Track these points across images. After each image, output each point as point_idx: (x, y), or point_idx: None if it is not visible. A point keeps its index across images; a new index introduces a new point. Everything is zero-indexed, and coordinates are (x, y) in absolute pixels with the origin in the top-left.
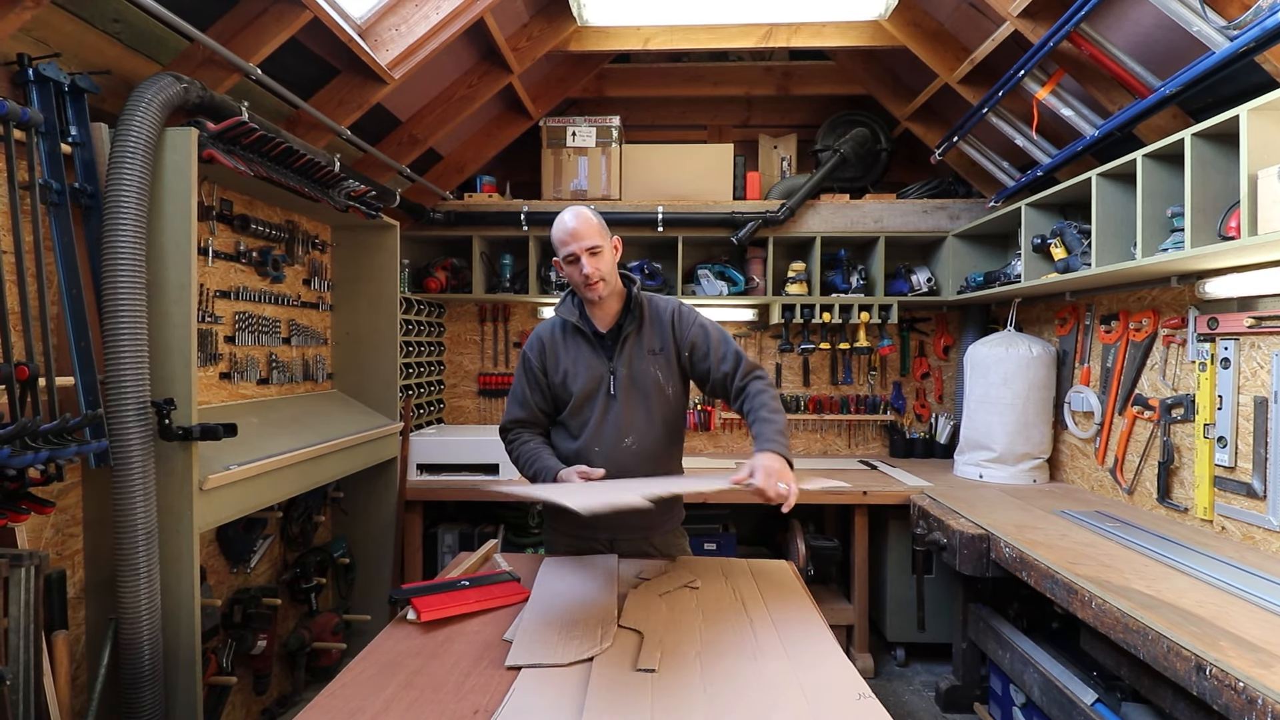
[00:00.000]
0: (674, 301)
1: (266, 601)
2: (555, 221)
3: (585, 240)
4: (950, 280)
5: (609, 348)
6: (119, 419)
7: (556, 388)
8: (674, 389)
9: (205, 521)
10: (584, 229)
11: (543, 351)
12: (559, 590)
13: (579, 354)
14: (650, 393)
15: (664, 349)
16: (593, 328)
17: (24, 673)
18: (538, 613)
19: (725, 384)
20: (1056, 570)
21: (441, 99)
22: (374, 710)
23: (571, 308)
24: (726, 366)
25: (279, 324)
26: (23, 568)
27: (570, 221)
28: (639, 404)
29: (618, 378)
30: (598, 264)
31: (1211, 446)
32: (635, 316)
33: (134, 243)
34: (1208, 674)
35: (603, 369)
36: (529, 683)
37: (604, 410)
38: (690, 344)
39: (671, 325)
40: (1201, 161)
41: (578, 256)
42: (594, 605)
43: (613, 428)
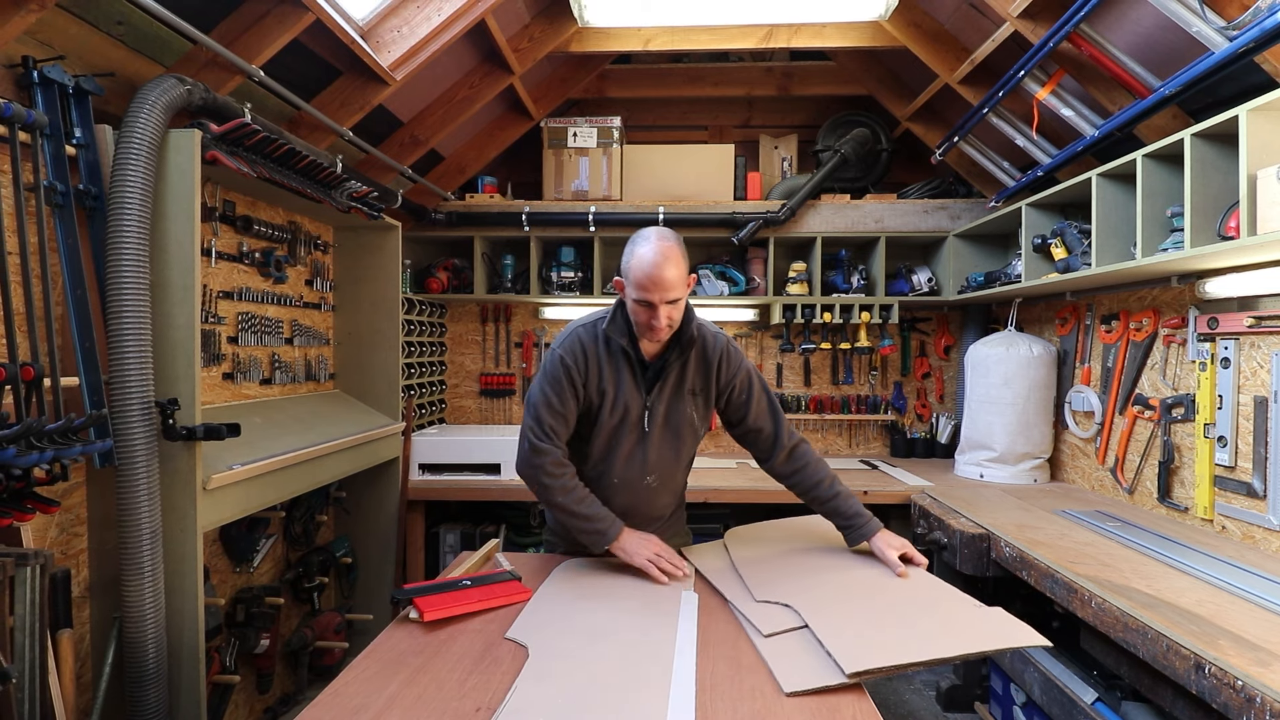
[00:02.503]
0: (724, 339)
1: (269, 601)
2: (639, 253)
3: (670, 293)
4: (951, 280)
5: (650, 380)
6: (123, 419)
7: (591, 405)
8: (704, 428)
9: (209, 521)
10: (672, 279)
11: (586, 362)
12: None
13: (620, 380)
14: (682, 433)
15: (705, 389)
16: (639, 354)
17: (29, 671)
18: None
19: (761, 439)
20: (1056, 569)
21: (443, 100)
22: (377, 707)
23: (621, 328)
24: (767, 424)
25: (281, 324)
26: (28, 567)
27: (659, 267)
28: (669, 444)
29: (654, 415)
30: (672, 313)
31: (1212, 446)
32: (685, 352)
33: (138, 244)
34: (1207, 672)
35: (639, 402)
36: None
37: (633, 445)
38: (731, 388)
39: (717, 367)
40: (1201, 161)
41: (655, 305)
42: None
43: (638, 464)
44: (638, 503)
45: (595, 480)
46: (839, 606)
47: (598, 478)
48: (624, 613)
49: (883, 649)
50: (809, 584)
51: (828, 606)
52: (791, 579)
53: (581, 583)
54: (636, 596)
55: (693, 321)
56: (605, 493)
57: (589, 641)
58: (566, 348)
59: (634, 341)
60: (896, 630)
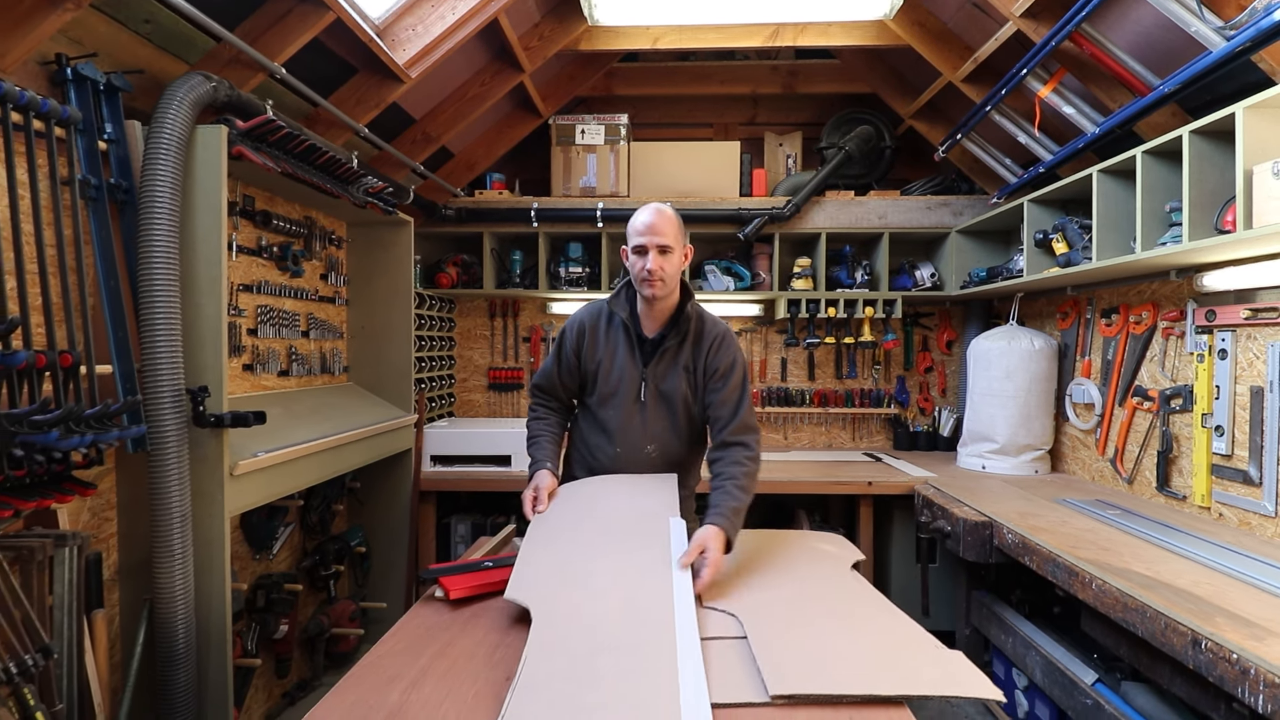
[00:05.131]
0: (723, 327)
1: (288, 587)
2: (636, 215)
3: (659, 237)
4: (953, 276)
5: (648, 354)
6: (155, 406)
7: (588, 374)
8: (700, 408)
9: (235, 506)
10: (661, 225)
11: (582, 336)
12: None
13: (617, 351)
14: (676, 407)
15: (696, 369)
16: (639, 329)
17: (67, 649)
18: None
19: (714, 427)
20: (1058, 554)
21: (454, 97)
22: (412, 676)
23: (624, 302)
24: (725, 411)
25: (298, 317)
26: (66, 547)
27: (650, 215)
28: (665, 415)
29: (648, 386)
30: (663, 263)
31: (1209, 435)
32: (682, 330)
33: (168, 236)
34: (1203, 647)
35: (636, 373)
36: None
37: (630, 414)
38: (715, 369)
39: (710, 347)
40: (1199, 157)
41: (647, 250)
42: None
43: (637, 433)
44: (641, 471)
45: (605, 450)
46: (785, 626)
47: (606, 447)
48: (619, 552)
49: (817, 676)
50: (762, 599)
51: (773, 624)
52: (746, 590)
53: (567, 531)
54: (625, 528)
55: (690, 300)
56: (613, 462)
57: (590, 597)
58: (569, 323)
59: (635, 317)
60: (841, 658)
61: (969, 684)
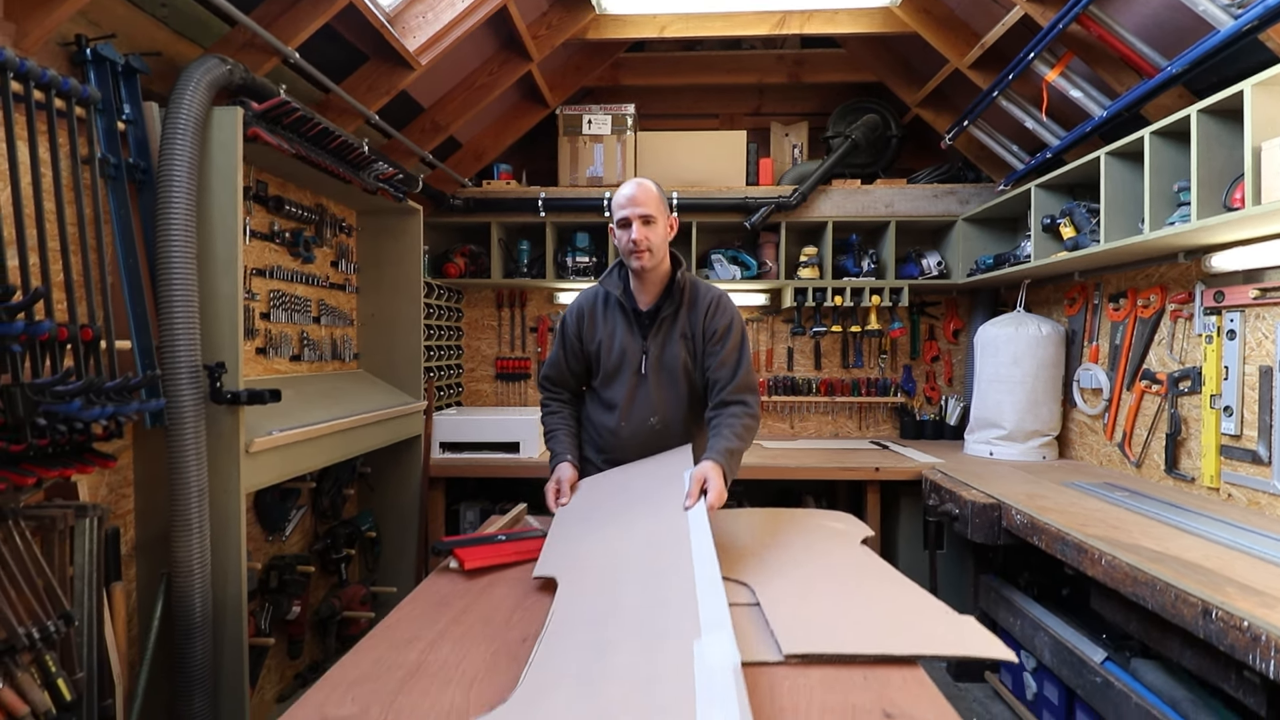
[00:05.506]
0: (718, 291)
1: (300, 569)
2: (618, 190)
3: (641, 207)
4: (960, 264)
5: (645, 327)
6: (173, 381)
7: (592, 356)
8: (700, 374)
9: (251, 483)
10: (642, 196)
11: (581, 319)
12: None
13: (616, 328)
14: (678, 375)
15: (694, 335)
16: (634, 304)
17: (88, 618)
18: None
19: (714, 389)
20: (1067, 532)
21: (463, 86)
22: (429, 638)
23: (616, 281)
24: (724, 373)
25: (310, 303)
26: (87, 518)
27: (629, 188)
28: (667, 385)
29: (649, 358)
30: (648, 233)
31: (1218, 416)
32: (676, 299)
33: (186, 215)
34: (1213, 617)
35: (636, 347)
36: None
37: (633, 388)
38: (713, 332)
39: (706, 311)
40: (1207, 137)
41: (630, 221)
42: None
43: (641, 406)
44: (648, 444)
45: (612, 426)
46: (797, 593)
47: (611, 424)
48: (641, 518)
49: (830, 637)
50: (773, 569)
51: (786, 591)
52: (757, 562)
53: (592, 503)
54: (646, 498)
55: (681, 269)
56: (618, 437)
57: (615, 567)
58: (568, 310)
59: (628, 293)
60: (853, 622)
61: (982, 645)
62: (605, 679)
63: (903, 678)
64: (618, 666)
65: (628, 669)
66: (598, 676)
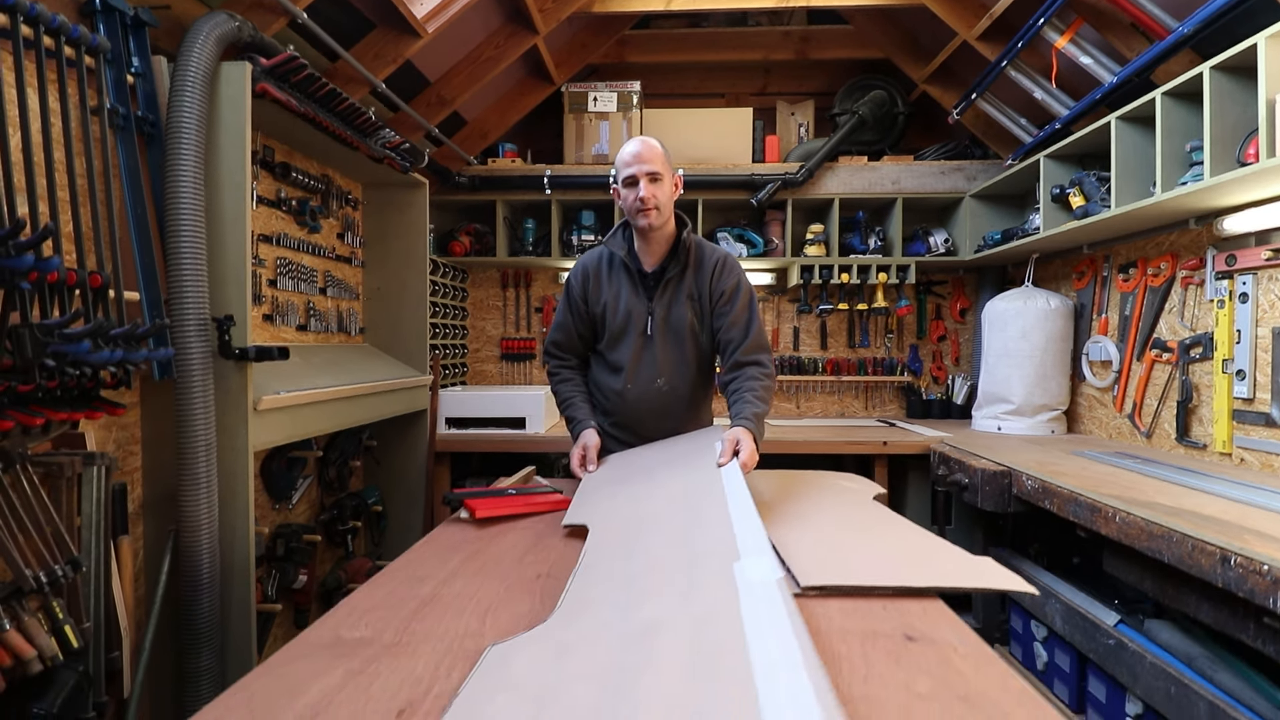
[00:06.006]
0: (723, 251)
1: (307, 538)
2: (621, 148)
3: (647, 165)
4: (967, 241)
5: (650, 288)
6: (181, 333)
7: (597, 318)
8: (707, 335)
9: (259, 441)
10: (648, 154)
11: (586, 280)
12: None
13: (621, 289)
14: (684, 337)
15: (700, 296)
16: (638, 265)
17: (95, 568)
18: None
19: (726, 350)
20: (1079, 493)
21: (469, 59)
22: (441, 576)
23: (621, 242)
24: (735, 333)
25: (316, 273)
26: (94, 466)
27: (635, 145)
28: (673, 346)
29: (654, 319)
30: (655, 190)
31: (1230, 381)
32: (681, 260)
33: (195, 167)
34: (1233, 564)
35: (641, 308)
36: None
37: (639, 349)
38: (721, 292)
39: (712, 272)
40: (1220, 94)
41: (637, 179)
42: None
43: (647, 368)
44: (654, 406)
45: (617, 389)
46: (812, 538)
47: (617, 386)
48: (671, 479)
49: (848, 572)
50: (788, 520)
51: (801, 537)
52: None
53: (621, 473)
54: (678, 478)
55: (687, 229)
56: (624, 400)
57: (648, 514)
58: (572, 272)
59: (633, 254)
60: (870, 561)
61: (1001, 579)
62: (645, 597)
63: (922, 608)
64: (657, 588)
65: (667, 589)
66: (638, 596)
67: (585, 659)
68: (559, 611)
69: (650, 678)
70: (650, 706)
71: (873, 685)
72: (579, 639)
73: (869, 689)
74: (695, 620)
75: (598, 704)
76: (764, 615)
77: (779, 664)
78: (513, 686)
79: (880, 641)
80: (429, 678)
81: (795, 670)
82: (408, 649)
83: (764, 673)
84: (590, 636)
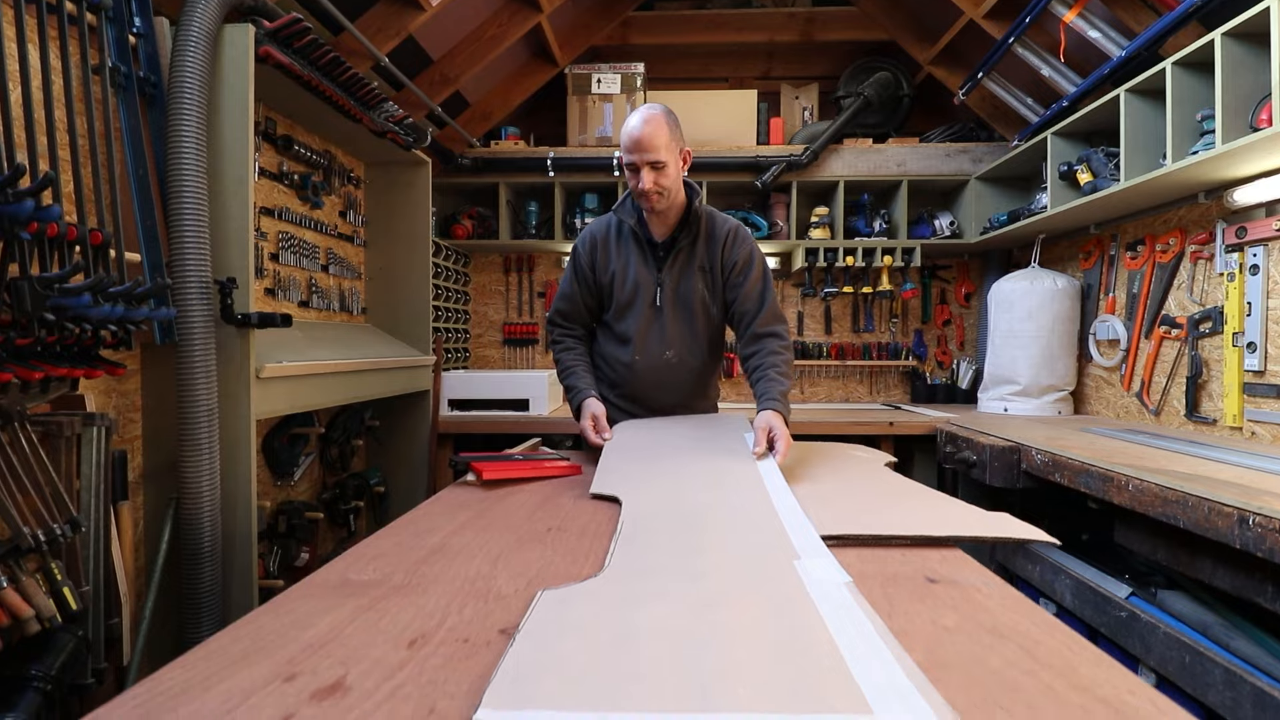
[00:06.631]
0: (735, 221)
1: (309, 515)
2: (625, 122)
3: (649, 154)
4: (973, 223)
5: (660, 258)
6: (183, 296)
7: (604, 288)
8: (718, 308)
9: (261, 410)
10: (649, 140)
11: (594, 249)
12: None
13: (629, 259)
14: (694, 309)
15: (712, 267)
16: (648, 235)
17: (94, 531)
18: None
19: (742, 322)
20: (1091, 463)
21: (472, 37)
22: (450, 529)
23: (630, 210)
24: (751, 305)
25: (318, 250)
26: (94, 427)
27: (637, 129)
28: (683, 318)
29: (664, 290)
30: (658, 179)
31: (1241, 354)
32: (692, 230)
33: (197, 129)
34: (1250, 524)
35: (650, 279)
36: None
37: (648, 320)
38: (733, 264)
39: (724, 243)
40: (1232, 61)
41: (639, 168)
42: None
43: (655, 339)
44: (662, 379)
45: (624, 360)
46: (828, 496)
47: (625, 358)
48: (701, 457)
49: (862, 522)
50: (802, 481)
51: (816, 494)
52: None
53: (644, 447)
54: (704, 445)
55: (698, 198)
56: (632, 371)
57: (687, 494)
58: (579, 239)
59: (642, 223)
60: (887, 514)
61: (1021, 529)
62: (704, 576)
63: (941, 555)
64: (715, 568)
65: (727, 572)
66: (696, 573)
67: (657, 617)
68: (610, 571)
69: (732, 646)
70: (740, 673)
71: (898, 620)
72: (646, 595)
73: (894, 624)
74: (767, 601)
75: (681, 659)
76: (839, 605)
77: (868, 653)
78: (581, 629)
79: (902, 584)
80: (441, 612)
81: (883, 656)
82: (417, 589)
83: (851, 654)
84: (657, 595)
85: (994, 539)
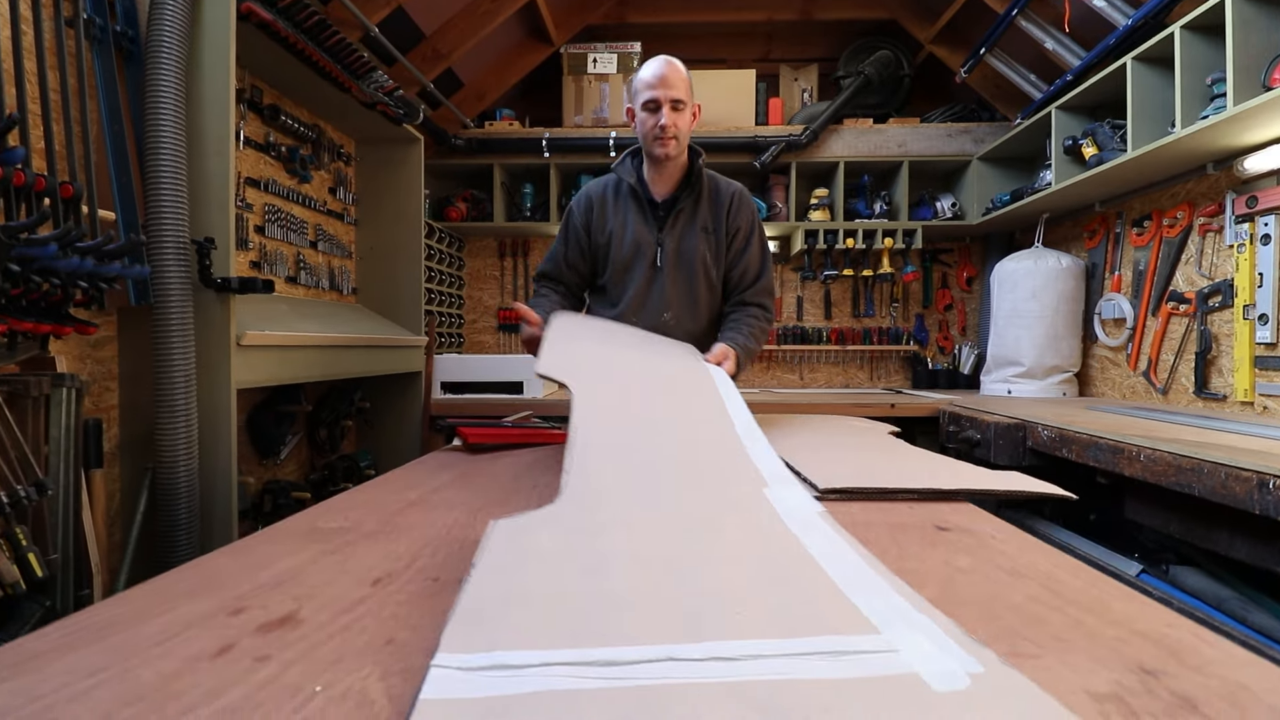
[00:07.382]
0: (738, 185)
1: (296, 495)
2: (643, 66)
3: (673, 90)
4: (975, 205)
5: (661, 218)
6: (159, 255)
7: (599, 249)
8: (719, 271)
9: (242, 379)
10: (674, 78)
11: (590, 209)
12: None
13: (628, 218)
14: (695, 270)
15: (716, 229)
16: (648, 194)
17: (63, 497)
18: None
19: (734, 287)
20: (1100, 436)
21: (465, 13)
22: (431, 486)
23: (630, 169)
24: (749, 275)
25: (306, 225)
26: (64, 388)
27: (661, 67)
28: (683, 280)
29: (665, 250)
30: (677, 119)
31: (1252, 327)
32: (694, 190)
33: (175, 84)
34: (1271, 487)
35: (650, 238)
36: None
37: (647, 281)
38: (736, 229)
39: (729, 206)
40: (1243, 21)
41: (659, 104)
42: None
43: (655, 300)
44: None
45: (621, 322)
46: (830, 457)
47: (622, 319)
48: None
49: (868, 477)
50: (802, 446)
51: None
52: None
53: (592, 333)
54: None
55: (700, 158)
56: None
57: (640, 397)
58: (575, 199)
59: (642, 182)
60: (890, 470)
61: (1033, 484)
62: (672, 499)
63: (951, 507)
64: (683, 493)
65: (697, 497)
66: (662, 498)
67: (629, 544)
68: (567, 495)
69: (718, 573)
70: (734, 600)
71: (908, 562)
72: (611, 522)
73: (905, 565)
74: (744, 528)
75: (666, 586)
76: (821, 533)
77: (857, 577)
78: (544, 559)
79: (910, 531)
80: (410, 555)
81: (874, 581)
82: (388, 536)
83: (843, 580)
84: (622, 523)
85: (1007, 492)
